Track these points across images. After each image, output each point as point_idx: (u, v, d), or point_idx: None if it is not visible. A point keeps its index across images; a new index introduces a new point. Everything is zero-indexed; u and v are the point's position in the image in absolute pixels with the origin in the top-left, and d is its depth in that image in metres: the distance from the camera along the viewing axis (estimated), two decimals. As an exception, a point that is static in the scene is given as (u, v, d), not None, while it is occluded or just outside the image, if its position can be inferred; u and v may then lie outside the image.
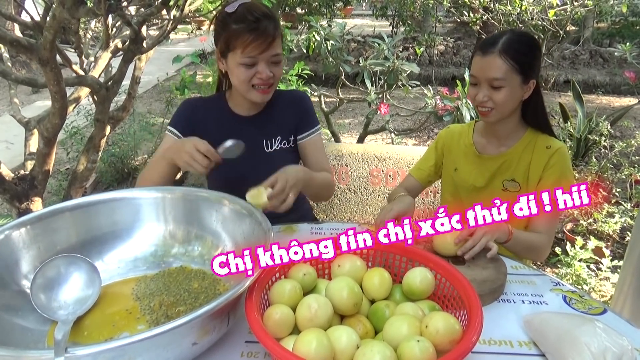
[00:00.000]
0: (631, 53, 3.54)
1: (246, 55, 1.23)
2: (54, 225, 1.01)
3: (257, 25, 1.21)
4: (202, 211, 1.09)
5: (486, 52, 1.26)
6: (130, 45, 1.67)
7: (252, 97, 1.31)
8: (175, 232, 1.10)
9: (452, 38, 8.57)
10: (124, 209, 1.09)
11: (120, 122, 2.05)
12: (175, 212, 1.11)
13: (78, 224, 1.05)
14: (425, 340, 0.73)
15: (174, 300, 0.94)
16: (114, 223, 1.08)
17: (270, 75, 1.27)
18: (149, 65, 7.06)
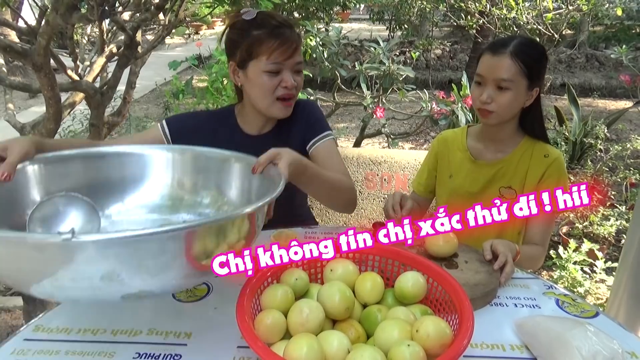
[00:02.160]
0: (627, 56, 3.56)
1: (272, 61, 1.17)
2: (62, 170, 0.98)
3: (281, 31, 1.17)
4: (213, 167, 1.07)
5: (497, 52, 1.26)
6: (125, 51, 1.68)
7: (274, 112, 1.23)
8: (184, 182, 1.08)
9: (449, 42, 8.61)
10: (134, 162, 1.07)
11: (115, 127, 2.05)
12: (184, 168, 1.09)
13: (88, 171, 1.02)
14: (415, 344, 0.73)
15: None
16: (122, 174, 1.06)
17: (294, 84, 1.21)
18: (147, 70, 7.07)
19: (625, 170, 3.08)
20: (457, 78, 5.91)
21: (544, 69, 1.32)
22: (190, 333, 0.91)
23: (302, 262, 0.98)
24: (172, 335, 0.91)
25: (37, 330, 0.91)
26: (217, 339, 0.89)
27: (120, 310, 0.97)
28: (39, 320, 0.95)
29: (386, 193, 1.92)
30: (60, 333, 0.91)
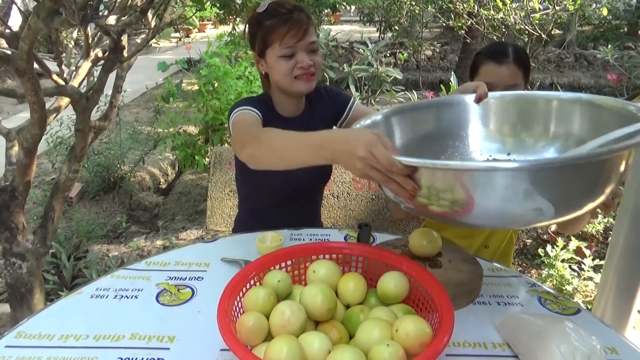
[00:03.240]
0: (612, 55, 3.59)
1: (284, 45, 1.24)
2: (416, 116, 1.16)
3: (290, 16, 1.24)
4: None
5: (502, 61, 1.37)
6: (110, 55, 1.67)
7: (296, 88, 1.29)
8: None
9: (439, 43, 8.65)
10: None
11: (102, 131, 2.04)
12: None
13: (430, 120, 1.18)
14: (395, 344, 0.74)
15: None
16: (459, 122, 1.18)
17: (310, 63, 1.26)
18: (136, 74, 7.08)
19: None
20: (447, 78, 5.93)
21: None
22: (173, 337, 0.91)
23: (286, 264, 0.98)
24: (155, 339, 0.90)
25: (19, 337, 0.91)
26: (200, 342, 0.89)
27: (103, 315, 0.97)
28: (21, 327, 0.94)
29: (374, 194, 1.93)
30: (43, 339, 0.90)
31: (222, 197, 1.95)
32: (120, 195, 3.53)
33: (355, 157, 0.81)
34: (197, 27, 11.52)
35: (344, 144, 0.84)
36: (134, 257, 2.79)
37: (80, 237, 2.78)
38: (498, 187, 0.74)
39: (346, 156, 0.83)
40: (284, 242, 1.19)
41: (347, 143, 0.83)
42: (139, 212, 3.43)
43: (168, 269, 1.14)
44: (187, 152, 3.11)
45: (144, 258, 1.20)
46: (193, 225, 3.22)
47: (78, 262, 2.43)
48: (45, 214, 1.85)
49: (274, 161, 1.02)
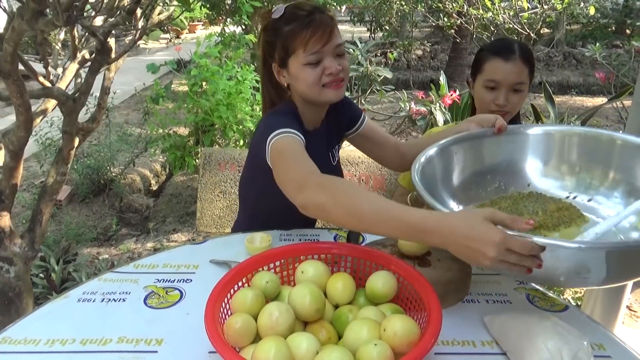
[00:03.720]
0: (600, 54, 3.63)
1: (309, 52, 1.12)
2: (478, 146, 1.17)
3: (312, 18, 1.13)
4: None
5: (508, 58, 1.34)
6: (97, 56, 1.66)
7: (326, 97, 1.18)
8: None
9: (429, 42, 8.68)
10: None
11: (90, 133, 2.03)
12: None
13: (498, 149, 1.18)
14: (382, 343, 0.74)
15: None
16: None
17: (339, 68, 1.15)
18: (126, 75, 7.04)
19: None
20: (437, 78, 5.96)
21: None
22: (161, 340, 0.90)
23: (274, 265, 0.98)
24: (143, 342, 0.90)
25: (3, 342, 0.90)
26: (189, 344, 0.89)
27: (90, 319, 0.96)
28: (6, 332, 0.93)
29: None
30: (29, 344, 0.89)
31: (212, 198, 1.94)
32: (110, 198, 3.50)
33: (486, 258, 0.74)
34: (186, 28, 11.48)
35: (468, 241, 0.75)
36: (125, 259, 2.77)
37: (70, 241, 2.75)
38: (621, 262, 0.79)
39: (469, 252, 0.75)
40: (273, 243, 1.19)
41: (473, 241, 0.74)
42: (130, 215, 3.41)
43: (156, 271, 1.13)
44: (177, 153, 3.09)
45: (134, 261, 1.19)
46: (184, 227, 3.21)
47: (67, 265, 2.41)
48: (33, 218, 1.83)
49: (348, 222, 0.88)
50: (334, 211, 0.88)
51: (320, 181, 0.94)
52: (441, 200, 1.05)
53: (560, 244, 0.75)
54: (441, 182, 1.11)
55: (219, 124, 2.99)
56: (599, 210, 1.11)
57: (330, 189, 0.90)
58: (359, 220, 0.86)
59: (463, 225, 0.76)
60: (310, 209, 0.92)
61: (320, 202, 0.90)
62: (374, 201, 0.85)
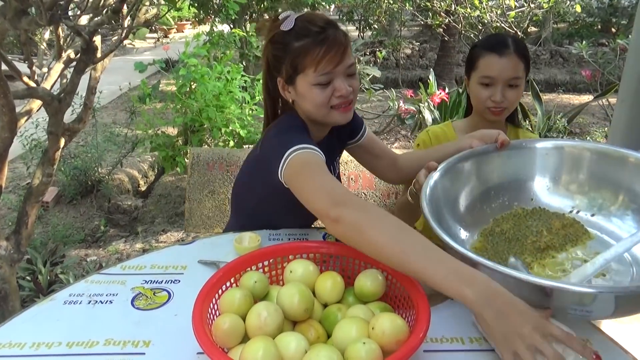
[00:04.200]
0: (587, 52, 3.67)
1: (320, 72, 1.06)
2: (485, 164, 1.16)
3: (325, 36, 1.05)
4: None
5: (503, 53, 1.32)
6: (82, 56, 1.64)
7: (332, 119, 1.13)
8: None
9: (417, 41, 8.71)
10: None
11: (77, 133, 2.00)
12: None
13: (503, 165, 1.17)
14: (371, 342, 0.74)
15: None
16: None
17: (349, 90, 1.10)
18: (114, 75, 6.97)
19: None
20: (426, 76, 5.99)
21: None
22: (149, 341, 0.89)
23: (263, 265, 0.98)
24: (130, 344, 0.89)
25: (-12, 346, 0.88)
26: (177, 346, 0.88)
27: (76, 322, 0.95)
28: (-10, 336, 0.91)
29: (354, 192, 1.93)
30: (13, 348, 0.88)
31: (200, 198, 1.93)
32: (98, 199, 3.46)
33: (520, 334, 0.67)
34: (174, 27, 11.40)
35: (509, 307, 0.69)
36: (113, 261, 2.75)
37: (57, 242, 2.72)
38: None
39: (502, 322, 0.69)
40: (262, 243, 1.18)
41: (515, 309, 0.69)
42: (118, 216, 3.38)
43: (144, 272, 1.12)
44: (167, 152, 3.07)
45: (122, 262, 1.18)
46: (173, 227, 3.19)
47: (55, 267, 2.38)
48: (18, 220, 1.81)
49: (384, 246, 0.81)
50: (371, 232, 0.82)
51: (363, 203, 0.89)
52: (449, 228, 1.03)
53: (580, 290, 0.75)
54: (447, 206, 1.08)
55: (207, 124, 2.98)
56: (603, 225, 1.09)
57: (374, 211, 0.86)
58: (399, 247, 0.79)
59: (512, 295, 0.71)
60: (346, 224, 0.85)
61: (358, 219, 0.84)
62: (419, 236, 0.81)
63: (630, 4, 8.53)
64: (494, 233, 1.07)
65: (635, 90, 1.82)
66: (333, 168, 1.37)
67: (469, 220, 1.11)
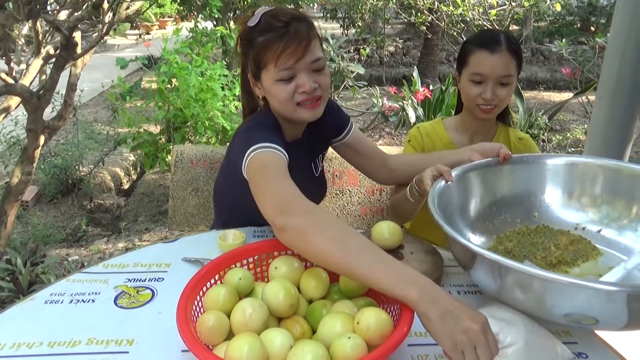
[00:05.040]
0: (567, 50, 3.73)
1: (281, 67, 1.04)
2: (483, 178, 1.12)
3: (286, 30, 1.03)
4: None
5: (494, 50, 1.29)
6: (62, 52, 1.61)
7: (299, 116, 1.11)
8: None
9: (401, 39, 8.75)
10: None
11: (56, 131, 1.97)
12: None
13: (512, 178, 1.14)
14: (356, 336, 0.74)
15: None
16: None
17: (314, 86, 1.07)
18: (95, 72, 6.85)
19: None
20: (410, 74, 6.02)
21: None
22: (132, 340, 0.89)
23: (247, 262, 0.97)
24: (114, 343, 0.88)
25: (-34, 348, 0.86)
26: (161, 344, 0.87)
27: (58, 321, 0.93)
28: (-31, 337, 0.89)
29: (338, 189, 1.93)
30: (-7, 349, 0.87)
31: (184, 196, 1.91)
32: (79, 198, 3.41)
33: (467, 323, 0.68)
34: (156, 24, 11.26)
35: (454, 307, 0.70)
36: (95, 260, 2.71)
37: (37, 242, 2.67)
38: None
39: (449, 317, 0.69)
40: (246, 239, 1.18)
41: (459, 308, 0.70)
42: (100, 215, 3.33)
43: (127, 270, 1.11)
44: (150, 149, 3.04)
45: (104, 261, 1.16)
46: (156, 226, 3.16)
47: (35, 267, 2.34)
48: (-4, 219, 1.77)
49: (328, 250, 0.80)
50: (315, 238, 0.81)
51: (309, 209, 0.88)
52: (460, 233, 1.00)
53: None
54: (456, 213, 1.06)
55: (190, 120, 2.95)
56: (612, 240, 1.06)
57: (319, 216, 0.85)
58: (344, 252, 0.78)
59: (453, 297, 0.73)
60: (291, 232, 0.85)
61: (302, 225, 0.83)
62: (364, 240, 0.81)
63: (608, 3, 8.69)
64: (498, 251, 1.03)
65: (613, 88, 1.86)
66: (315, 166, 1.36)
67: (477, 230, 1.08)
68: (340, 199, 1.95)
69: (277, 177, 0.96)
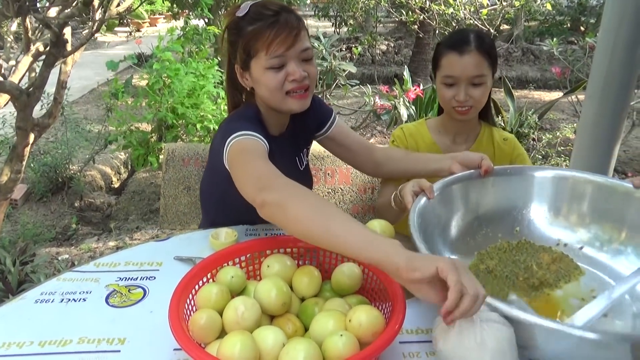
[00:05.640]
0: (557, 49, 3.77)
1: (272, 55, 1.06)
2: (463, 191, 1.09)
3: (277, 19, 1.06)
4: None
5: (463, 51, 1.27)
6: (52, 49, 1.60)
7: (288, 106, 1.13)
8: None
9: (393, 38, 8.77)
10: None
11: (46, 129, 1.95)
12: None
13: (495, 191, 1.10)
14: (348, 334, 0.75)
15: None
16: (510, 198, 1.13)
17: (303, 74, 1.09)
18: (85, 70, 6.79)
19: (557, 157, 3.26)
20: (402, 72, 6.03)
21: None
22: (124, 339, 0.88)
23: (240, 260, 0.98)
24: (105, 342, 0.88)
25: (-45, 347, 0.86)
26: (153, 343, 0.87)
27: (48, 320, 0.93)
28: (-43, 337, 0.89)
29: (330, 187, 1.94)
30: (-17, 349, 0.86)
31: (176, 194, 1.90)
32: (69, 196, 3.39)
33: (438, 264, 0.71)
34: (147, 21, 11.19)
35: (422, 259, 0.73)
36: (86, 259, 2.69)
37: (27, 241, 2.65)
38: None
39: (420, 261, 0.72)
40: (238, 238, 1.18)
41: (427, 259, 0.73)
42: (90, 213, 3.31)
43: (118, 269, 1.10)
44: (140, 150, 3.02)
45: (96, 259, 1.16)
46: (147, 224, 3.14)
47: (25, 266, 2.32)
48: (-15, 218, 1.76)
49: (309, 222, 0.81)
50: (293, 208, 0.83)
51: (286, 183, 0.90)
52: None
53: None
54: (437, 230, 1.03)
55: (182, 121, 2.94)
56: (592, 258, 1.03)
57: (297, 189, 0.87)
58: (322, 217, 0.80)
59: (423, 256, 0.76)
60: (270, 206, 0.86)
61: (281, 198, 0.85)
62: (339, 209, 0.83)
63: (598, 3, 8.77)
64: (480, 271, 1.00)
65: (601, 87, 1.89)
66: (299, 160, 1.36)
67: (458, 249, 1.06)
68: (332, 197, 1.95)
69: (258, 160, 0.98)
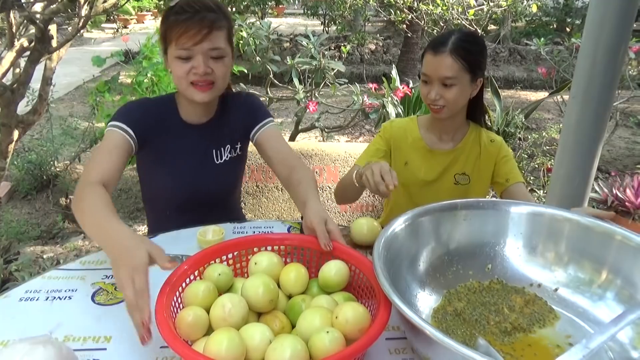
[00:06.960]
0: (544, 49, 3.82)
1: (180, 46, 1.16)
2: (447, 222, 1.03)
3: (192, 16, 1.15)
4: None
5: (437, 51, 1.30)
6: (37, 45, 1.58)
7: (190, 96, 1.22)
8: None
9: (382, 37, 8.80)
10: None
11: (31, 126, 1.93)
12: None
13: (467, 225, 1.04)
14: (334, 330, 0.75)
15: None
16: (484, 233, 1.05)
17: (207, 70, 1.17)
18: (70, 66, 6.70)
19: (542, 157, 3.30)
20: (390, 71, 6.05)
21: (484, 59, 1.36)
22: (110, 337, 0.88)
23: (227, 257, 0.98)
24: (91, 340, 0.87)
25: (-63, 346, 0.85)
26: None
27: (33, 318, 0.92)
28: (-60, 335, 0.88)
29: (318, 186, 1.94)
30: (-35, 347, 0.85)
31: (163, 192, 1.89)
32: (54, 194, 3.35)
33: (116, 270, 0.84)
34: (134, 18, 11.07)
35: (120, 249, 0.87)
36: (71, 257, 2.66)
37: (11, 239, 2.62)
38: None
39: (123, 256, 0.85)
40: (225, 236, 1.18)
41: (124, 250, 0.86)
42: (76, 211, 3.27)
43: (104, 267, 1.10)
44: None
45: (82, 257, 1.15)
46: (135, 222, 3.12)
47: (9, 265, 2.29)
48: (-32, 215, 1.73)
49: (79, 217, 1.03)
50: (80, 202, 1.04)
51: (89, 181, 1.09)
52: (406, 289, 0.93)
53: None
54: (396, 272, 0.93)
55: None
56: (567, 301, 0.97)
57: (82, 193, 1.06)
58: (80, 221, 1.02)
59: (131, 240, 0.89)
60: (74, 200, 1.08)
61: (76, 192, 1.07)
62: (114, 215, 1.00)
63: (583, 4, 8.89)
64: (447, 313, 0.94)
65: (585, 88, 1.91)
66: (217, 154, 1.36)
67: (428, 284, 0.99)
68: (320, 195, 1.96)
69: (101, 155, 1.16)
